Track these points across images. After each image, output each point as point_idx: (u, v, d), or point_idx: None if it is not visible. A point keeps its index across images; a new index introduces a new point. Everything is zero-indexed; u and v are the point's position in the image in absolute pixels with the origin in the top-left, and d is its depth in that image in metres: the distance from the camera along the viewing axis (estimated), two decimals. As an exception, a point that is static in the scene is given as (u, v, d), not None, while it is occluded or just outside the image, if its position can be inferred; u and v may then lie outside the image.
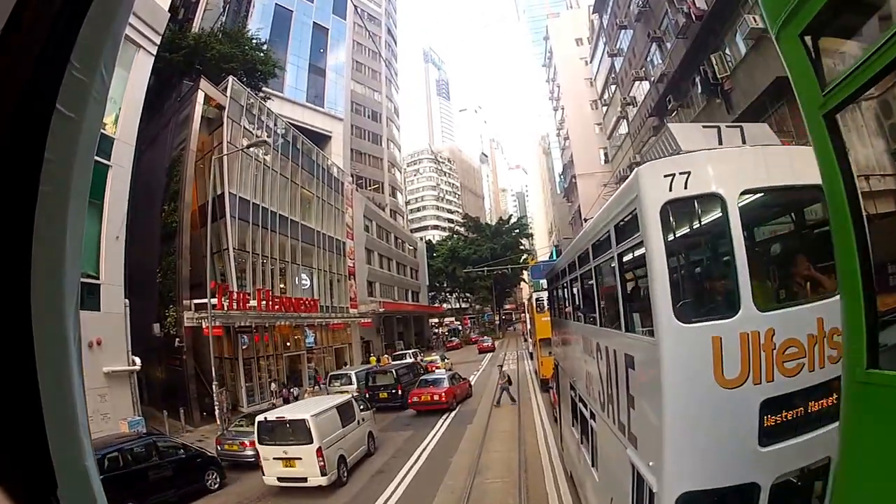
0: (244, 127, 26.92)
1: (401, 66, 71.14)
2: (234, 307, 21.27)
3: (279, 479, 10.96)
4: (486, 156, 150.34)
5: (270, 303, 23.16)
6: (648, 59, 22.44)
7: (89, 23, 0.83)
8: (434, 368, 27.83)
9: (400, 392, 19.74)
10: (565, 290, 9.01)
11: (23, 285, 0.77)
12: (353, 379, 21.74)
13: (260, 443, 11.10)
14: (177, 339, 21.86)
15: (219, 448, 14.69)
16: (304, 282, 29.41)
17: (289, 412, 11.82)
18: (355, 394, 16.79)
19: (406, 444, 14.99)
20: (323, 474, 10.62)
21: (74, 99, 0.81)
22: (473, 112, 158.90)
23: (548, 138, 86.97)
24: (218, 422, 18.88)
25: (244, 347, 24.57)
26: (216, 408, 18.83)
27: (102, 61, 0.86)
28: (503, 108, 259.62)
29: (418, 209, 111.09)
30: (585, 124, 47.54)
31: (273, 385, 25.61)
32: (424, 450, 14.01)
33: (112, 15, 0.88)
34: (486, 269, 51.50)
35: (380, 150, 52.99)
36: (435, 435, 15.54)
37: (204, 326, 20.03)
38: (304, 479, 10.73)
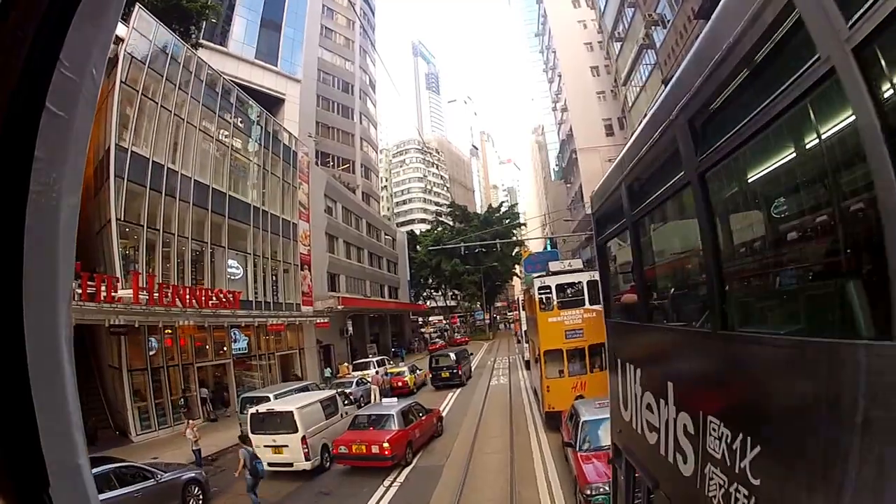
0: (150, 67, 20.19)
1: (389, 59, 65.10)
2: (98, 298, 14.54)
3: (269, 464, 11.42)
4: (477, 148, 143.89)
5: (158, 294, 16.45)
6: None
7: (78, 21, 0.81)
8: (400, 384, 21.32)
9: (459, 371, 23.16)
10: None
11: (14, 284, 0.76)
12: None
13: (252, 432, 11.74)
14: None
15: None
16: (233, 270, 22.73)
17: (278, 405, 12.79)
18: (338, 391, 16.60)
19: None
20: (307, 460, 11.46)
21: (64, 98, 0.80)
22: (463, 103, 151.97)
23: (541, 129, 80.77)
24: None
25: (152, 354, 18.31)
26: None
27: (92, 60, 0.85)
28: (494, 102, 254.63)
29: (404, 202, 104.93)
30: (586, 92, 41.38)
31: (203, 391, 20.03)
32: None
33: (102, 13, 0.87)
34: (467, 246, 45.33)
35: (351, 124, 46.21)
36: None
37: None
38: (291, 465, 11.54)
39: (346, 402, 15.56)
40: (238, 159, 24.87)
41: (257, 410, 12.38)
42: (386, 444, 10.74)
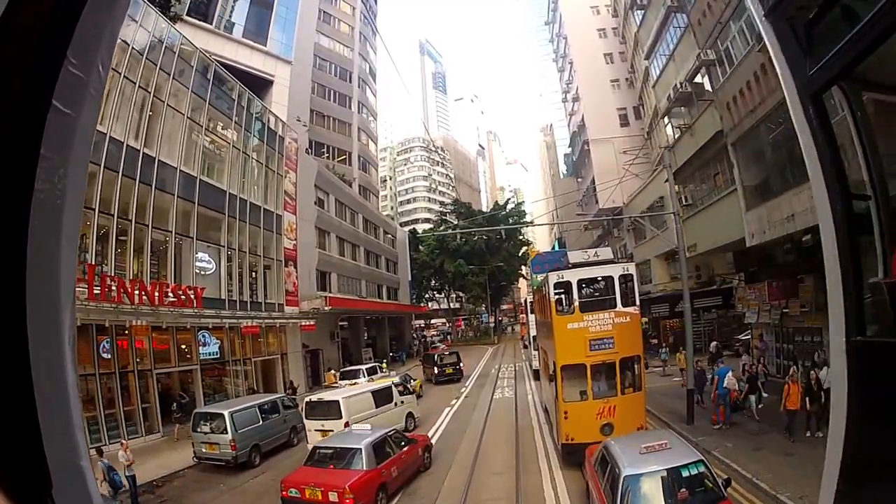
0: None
1: (396, 58, 62.97)
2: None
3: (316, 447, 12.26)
4: (483, 147, 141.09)
5: (100, 288, 13.86)
6: None
7: (85, 18, 0.80)
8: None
9: (461, 366, 27.15)
10: None
11: (18, 285, 0.75)
12: (228, 423, 12.51)
13: (307, 418, 13.55)
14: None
15: None
16: (203, 264, 20.13)
17: (328, 395, 14.23)
18: (396, 380, 17.22)
19: None
20: None
21: (71, 95, 0.79)
22: (470, 101, 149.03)
23: (549, 127, 78.10)
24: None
25: (105, 358, 15.93)
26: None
27: (98, 57, 0.83)
28: (501, 102, 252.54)
29: (408, 201, 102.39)
30: (600, 80, 38.74)
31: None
32: None
33: (108, 10, 0.85)
34: (467, 234, 43.11)
35: (348, 113, 43.62)
36: None
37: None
38: None
39: (403, 391, 15.96)
40: (213, 141, 22.32)
41: (310, 399, 13.88)
42: (347, 491, 7.95)
